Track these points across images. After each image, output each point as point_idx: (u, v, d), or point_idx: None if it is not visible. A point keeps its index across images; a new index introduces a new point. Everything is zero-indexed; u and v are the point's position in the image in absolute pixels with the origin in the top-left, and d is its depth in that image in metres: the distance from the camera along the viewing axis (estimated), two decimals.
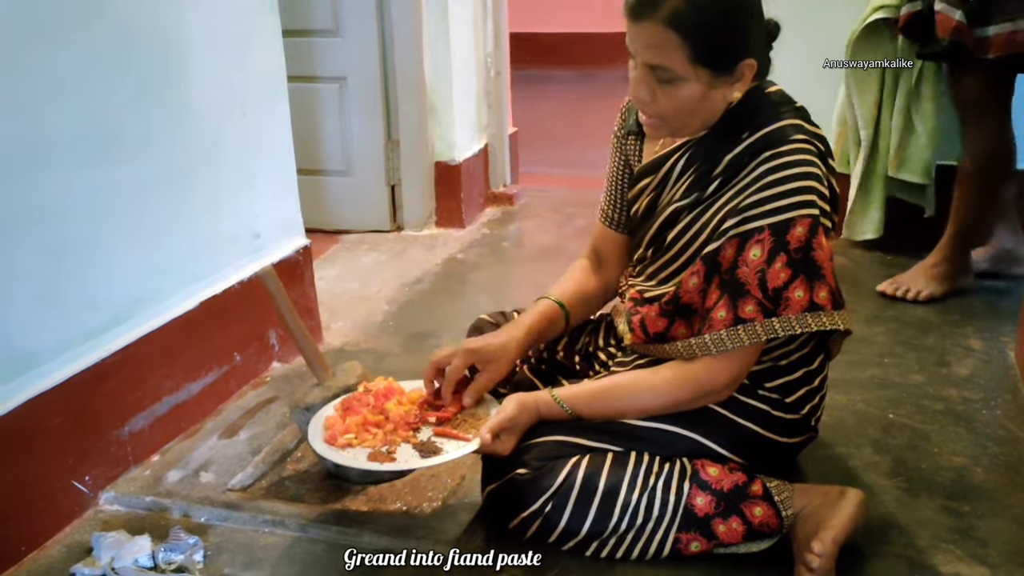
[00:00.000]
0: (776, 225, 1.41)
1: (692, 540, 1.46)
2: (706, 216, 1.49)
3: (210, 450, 1.89)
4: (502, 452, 1.49)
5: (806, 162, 1.42)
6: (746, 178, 1.44)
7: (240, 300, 2.13)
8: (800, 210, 1.41)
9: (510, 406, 1.50)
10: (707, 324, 1.46)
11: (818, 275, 1.42)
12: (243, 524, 1.66)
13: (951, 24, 2.38)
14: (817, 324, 1.42)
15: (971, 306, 2.53)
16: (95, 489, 1.72)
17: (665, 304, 1.52)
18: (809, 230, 1.41)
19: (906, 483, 1.72)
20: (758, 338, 1.43)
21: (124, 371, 1.78)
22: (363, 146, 3.39)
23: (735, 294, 1.43)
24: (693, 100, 1.44)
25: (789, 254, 1.41)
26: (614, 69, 7.44)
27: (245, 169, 2.18)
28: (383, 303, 2.77)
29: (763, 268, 1.41)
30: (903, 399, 2.04)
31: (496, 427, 1.47)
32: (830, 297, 1.43)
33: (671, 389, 1.50)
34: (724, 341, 1.44)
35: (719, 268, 1.45)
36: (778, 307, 1.42)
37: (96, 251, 1.74)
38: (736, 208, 1.44)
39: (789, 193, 1.41)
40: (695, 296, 1.48)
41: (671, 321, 1.51)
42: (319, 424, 1.62)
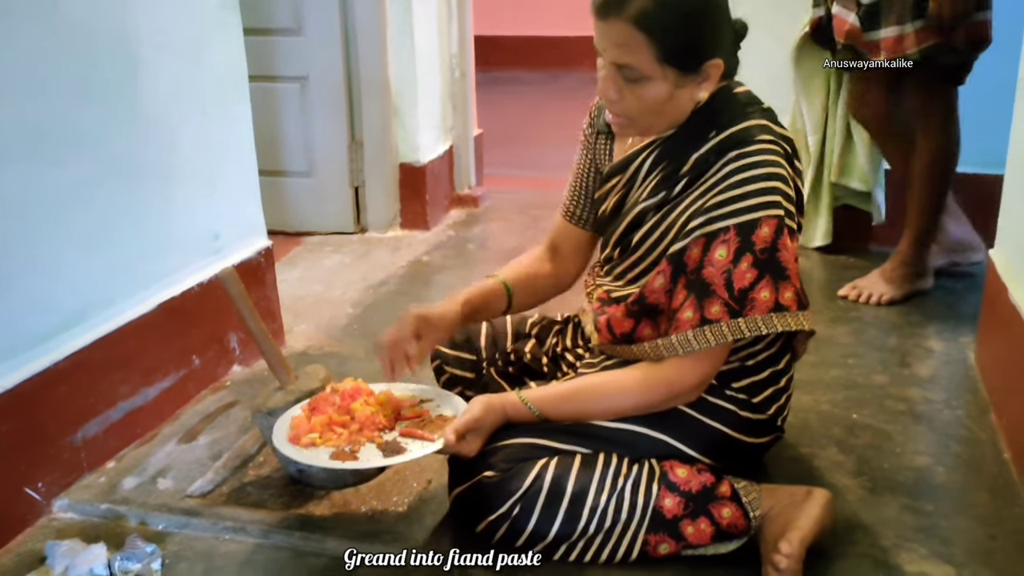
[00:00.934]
0: (742, 225, 1.40)
1: (660, 542, 1.45)
2: (672, 216, 1.49)
3: (168, 456, 1.85)
4: (467, 453, 1.47)
5: (772, 163, 1.42)
6: (712, 178, 1.44)
7: (199, 302, 2.09)
8: (766, 211, 1.40)
9: (476, 407, 1.49)
10: (673, 325, 1.45)
11: (783, 276, 1.42)
12: (203, 531, 1.62)
13: (844, 27, 2.45)
14: (783, 325, 1.42)
15: (931, 308, 2.56)
16: (48, 496, 1.67)
17: (631, 304, 1.51)
18: (775, 231, 1.41)
19: (870, 483, 1.73)
20: (724, 339, 1.42)
21: (76, 376, 1.73)
22: (326, 147, 3.35)
23: (701, 294, 1.43)
24: (660, 100, 1.43)
25: (755, 255, 1.41)
26: (579, 72, 7.47)
27: (205, 169, 2.14)
28: (347, 306, 2.73)
29: (729, 268, 1.41)
30: (866, 399, 2.05)
31: (461, 428, 1.45)
32: (795, 298, 1.43)
33: (639, 391, 1.49)
34: (691, 342, 1.44)
35: (685, 268, 1.45)
36: (744, 308, 1.42)
37: (43, 252, 1.68)
38: (702, 208, 1.44)
39: (755, 193, 1.40)
40: (661, 296, 1.48)
41: (637, 321, 1.50)
42: (285, 424, 1.59)
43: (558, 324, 1.81)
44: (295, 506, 1.68)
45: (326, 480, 1.72)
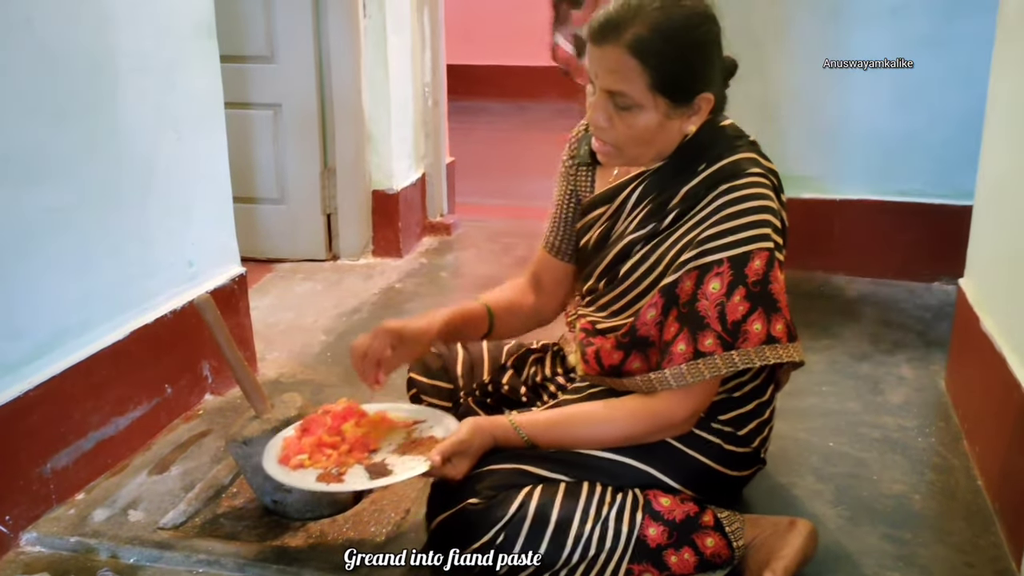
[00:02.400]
0: (735, 258, 1.41)
1: (644, 571, 1.44)
2: (662, 248, 1.49)
3: (139, 487, 1.81)
4: (454, 476, 1.45)
5: (762, 196, 1.44)
6: (703, 210, 1.44)
7: (172, 330, 2.06)
8: (758, 243, 1.42)
9: (464, 429, 1.47)
10: (667, 358, 1.45)
11: (775, 308, 1.43)
12: (176, 564, 1.58)
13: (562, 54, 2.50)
14: (775, 357, 1.43)
15: (901, 336, 2.60)
16: (15, 529, 1.63)
17: (621, 337, 1.51)
18: (766, 263, 1.42)
19: (849, 511, 1.73)
20: (718, 371, 1.42)
21: (46, 405, 1.70)
22: (298, 174, 3.34)
23: (694, 327, 1.43)
24: (650, 129, 1.44)
25: (748, 287, 1.41)
26: (547, 102, 7.53)
27: (179, 195, 2.11)
28: (320, 333, 2.71)
29: (722, 301, 1.42)
30: (841, 427, 2.06)
31: (447, 450, 1.43)
32: (785, 330, 1.44)
33: (629, 422, 1.49)
34: (684, 375, 1.44)
35: (677, 301, 1.45)
36: (736, 340, 1.42)
37: (15, 278, 1.65)
38: (694, 240, 1.44)
39: (747, 227, 1.42)
40: (652, 329, 1.48)
41: (627, 354, 1.50)
42: (277, 445, 1.56)
43: (536, 353, 1.81)
44: (270, 538, 1.65)
45: (302, 510, 1.69)
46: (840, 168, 2.99)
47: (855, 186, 2.99)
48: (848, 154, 2.98)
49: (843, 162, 2.98)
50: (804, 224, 2.38)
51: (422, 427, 1.59)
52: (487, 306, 1.71)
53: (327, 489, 1.45)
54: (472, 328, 1.70)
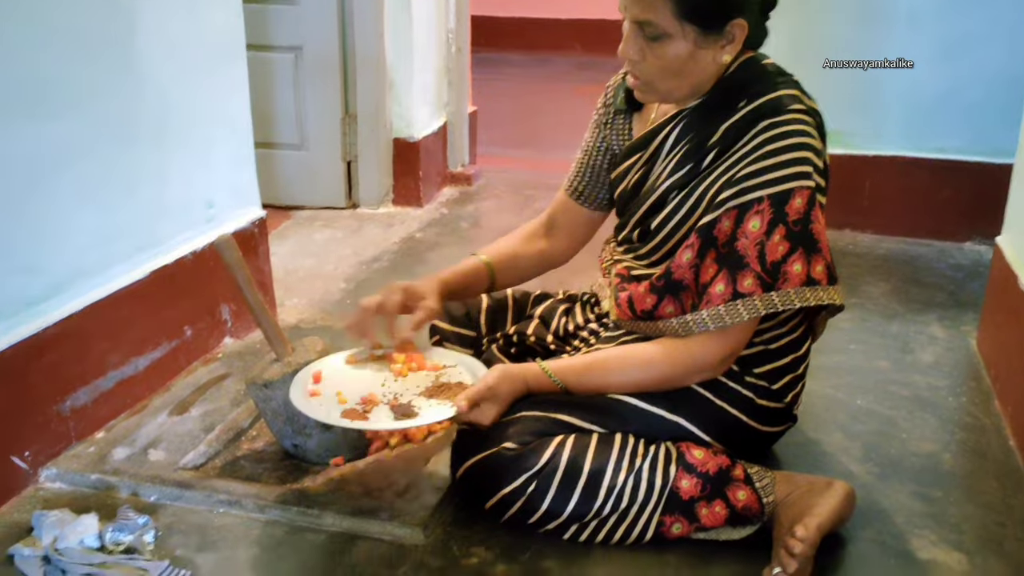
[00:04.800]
0: (775, 196, 1.37)
1: (675, 523, 1.42)
2: (701, 188, 1.45)
3: (159, 427, 1.79)
4: (481, 422, 1.42)
5: (804, 132, 1.39)
6: (744, 148, 1.40)
7: (192, 271, 2.03)
8: (799, 181, 1.37)
9: (492, 375, 1.44)
10: (704, 299, 1.41)
11: (815, 249, 1.39)
12: (196, 504, 1.57)
13: None
14: (815, 299, 1.39)
15: (932, 295, 2.55)
16: (35, 466, 1.61)
17: (656, 280, 1.47)
18: (807, 202, 1.37)
19: (877, 469, 1.70)
20: (757, 312, 1.38)
21: (65, 343, 1.67)
22: (319, 119, 3.29)
23: (734, 267, 1.39)
24: (680, 59, 1.39)
25: (788, 226, 1.37)
26: (570, 55, 7.43)
27: (199, 134, 2.07)
28: (340, 281, 2.68)
29: (762, 240, 1.37)
30: (870, 385, 2.02)
31: (474, 396, 1.40)
32: (825, 272, 1.40)
33: (664, 364, 1.45)
34: (722, 317, 1.40)
35: (715, 242, 1.41)
36: (776, 281, 1.38)
37: (32, 213, 1.62)
38: (733, 179, 1.40)
39: (788, 163, 1.37)
40: (687, 272, 1.44)
41: (660, 298, 1.47)
42: (307, 377, 1.55)
43: (564, 303, 1.77)
44: (290, 481, 1.63)
45: (322, 454, 1.67)
46: (874, 123, 2.91)
47: (889, 142, 2.92)
48: (883, 109, 2.90)
49: (877, 117, 2.90)
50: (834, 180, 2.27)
51: (451, 372, 1.55)
52: (487, 262, 1.68)
53: (350, 425, 1.43)
54: (472, 287, 1.68)
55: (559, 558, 1.43)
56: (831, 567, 1.42)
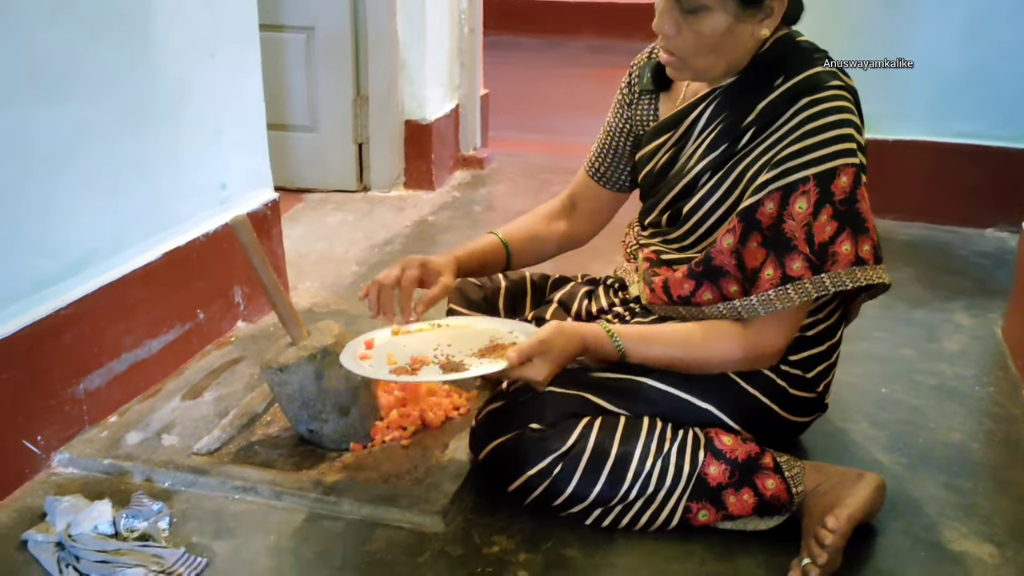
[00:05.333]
0: (821, 175, 1.33)
1: (702, 510, 1.39)
2: (736, 171, 1.41)
3: (172, 412, 1.76)
4: (533, 378, 1.36)
5: (845, 108, 1.35)
6: (783, 126, 1.36)
7: (205, 254, 2.00)
8: (843, 159, 1.33)
9: (545, 330, 1.38)
10: (754, 285, 1.38)
11: (862, 228, 1.35)
12: (211, 490, 1.54)
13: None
14: (865, 278, 1.35)
15: (958, 283, 2.50)
16: (47, 450, 1.59)
17: (694, 266, 1.43)
18: (853, 180, 1.34)
19: (906, 459, 1.67)
20: (808, 296, 1.35)
21: (79, 325, 1.64)
22: (330, 101, 3.24)
23: (781, 250, 1.35)
24: (718, 34, 1.34)
25: (834, 206, 1.33)
26: (580, 39, 7.36)
27: (212, 115, 2.03)
28: (352, 264, 2.65)
29: (809, 221, 1.34)
30: (896, 374, 1.99)
31: (526, 349, 1.35)
32: (872, 251, 1.36)
33: (726, 348, 1.41)
34: (773, 301, 1.36)
35: (759, 225, 1.36)
36: (825, 263, 1.34)
37: (48, 195, 1.58)
38: (774, 159, 1.36)
39: (831, 141, 1.33)
40: (727, 258, 1.40)
41: (698, 284, 1.43)
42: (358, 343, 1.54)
43: (585, 287, 1.73)
44: (306, 467, 1.60)
45: (338, 440, 1.65)
46: (897, 107, 2.86)
47: (912, 126, 2.87)
48: (906, 92, 2.84)
49: (901, 101, 2.85)
50: None
51: (506, 336, 1.51)
52: (503, 241, 1.65)
53: (399, 380, 1.40)
54: (488, 266, 1.64)
55: (582, 546, 1.40)
56: (861, 559, 1.39)
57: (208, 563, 1.36)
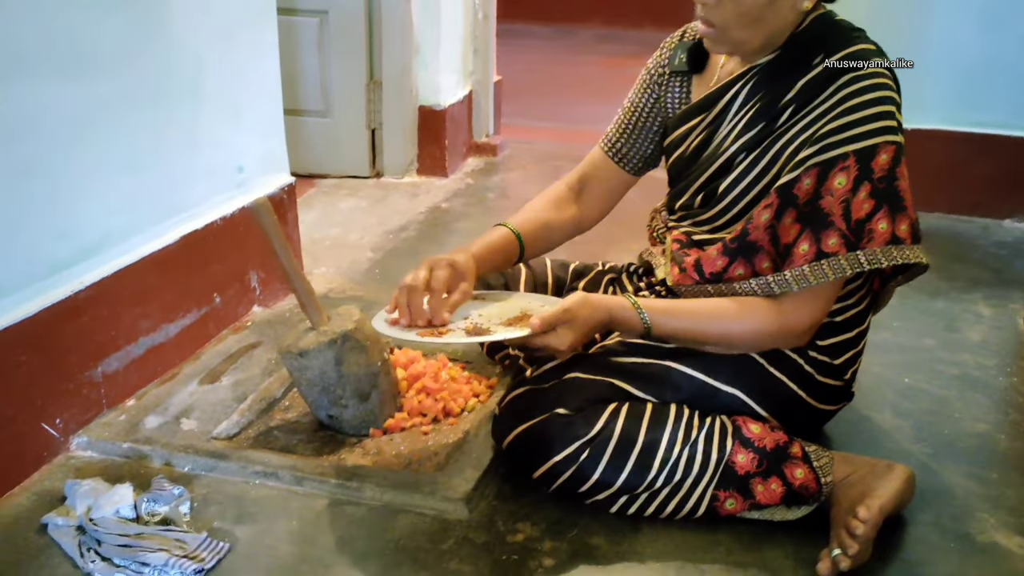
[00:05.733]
0: (861, 151, 1.31)
1: (729, 498, 1.38)
2: (775, 148, 1.39)
3: (190, 396, 1.75)
4: (557, 347, 1.35)
5: (887, 86, 1.33)
6: (825, 103, 1.34)
7: (221, 237, 1.98)
8: (884, 136, 1.31)
9: (571, 299, 1.37)
10: (788, 260, 1.36)
11: (900, 207, 1.33)
12: (232, 475, 1.53)
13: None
14: (902, 257, 1.33)
15: (977, 273, 2.48)
16: (66, 433, 1.57)
17: (730, 242, 1.41)
18: (893, 158, 1.32)
19: (930, 449, 1.65)
20: (843, 272, 1.33)
21: (97, 308, 1.63)
22: (343, 86, 3.22)
23: (818, 226, 1.34)
24: (759, 5, 1.32)
25: (873, 183, 1.31)
26: (590, 27, 7.33)
27: (229, 97, 2.01)
28: (367, 250, 2.63)
29: (848, 198, 1.32)
30: (917, 363, 1.97)
31: (550, 318, 1.33)
32: (910, 230, 1.35)
33: (758, 321, 1.39)
34: (806, 277, 1.35)
35: (795, 201, 1.35)
36: (860, 240, 1.33)
37: (64, 176, 1.56)
38: (813, 136, 1.34)
39: (872, 118, 1.31)
40: (763, 234, 1.38)
41: (732, 260, 1.41)
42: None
43: (609, 274, 1.71)
44: (326, 452, 1.59)
45: (358, 426, 1.63)
46: (915, 96, 2.78)
47: (930, 115, 2.84)
48: (924, 80, 2.80)
49: (917, 89, 2.79)
50: None
51: (538, 309, 1.48)
52: (516, 234, 1.61)
53: (425, 341, 1.38)
54: (503, 260, 1.60)
55: (607, 535, 1.39)
56: (890, 550, 1.37)
57: (230, 548, 1.35)
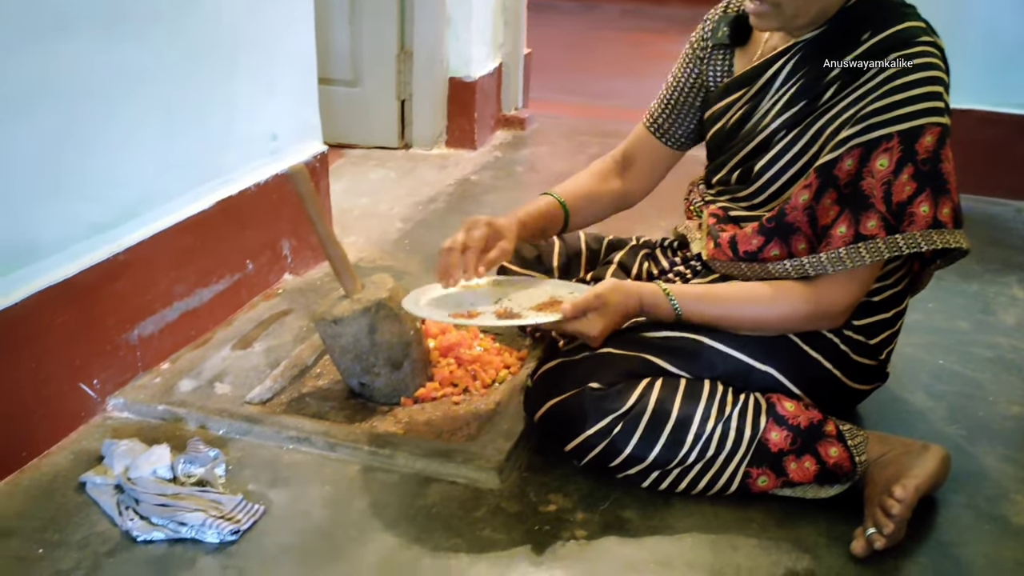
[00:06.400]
0: (905, 132, 1.29)
1: (761, 476, 1.37)
2: (816, 126, 1.37)
3: (223, 361, 1.76)
4: (587, 332, 1.36)
5: (935, 66, 1.30)
6: (870, 82, 1.31)
7: (255, 204, 1.98)
8: (930, 118, 1.29)
9: (602, 285, 1.38)
10: (824, 241, 1.35)
11: (944, 190, 1.31)
12: (266, 439, 1.54)
13: None
14: (942, 242, 1.31)
15: (1010, 256, 2.45)
16: (103, 394, 1.59)
17: (766, 222, 1.40)
18: (938, 140, 1.29)
19: (965, 431, 1.64)
20: (880, 256, 1.31)
21: (134, 271, 1.64)
22: (374, 55, 3.21)
23: (857, 208, 1.32)
24: None
25: (916, 165, 1.29)
26: (615, 2, 7.24)
27: (265, 64, 2.01)
28: (397, 221, 2.63)
29: (889, 179, 1.30)
30: (951, 345, 1.95)
31: (581, 304, 1.35)
32: (952, 214, 1.32)
33: (791, 304, 1.38)
34: (843, 260, 1.33)
35: (835, 181, 1.33)
36: (901, 223, 1.31)
37: (105, 138, 1.57)
38: (857, 115, 1.31)
39: (919, 99, 1.29)
40: (800, 215, 1.36)
41: (767, 240, 1.39)
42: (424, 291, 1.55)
43: (643, 249, 1.71)
44: (358, 420, 1.60)
45: (389, 395, 1.64)
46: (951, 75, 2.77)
47: (964, 96, 2.76)
48: (961, 61, 2.74)
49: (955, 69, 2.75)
50: None
51: (567, 296, 1.50)
52: (562, 203, 1.61)
53: (455, 323, 1.41)
54: (548, 229, 1.61)
55: (639, 508, 1.39)
56: (924, 530, 1.37)
57: (265, 511, 1.36)
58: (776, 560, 1.30)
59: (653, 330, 1.46)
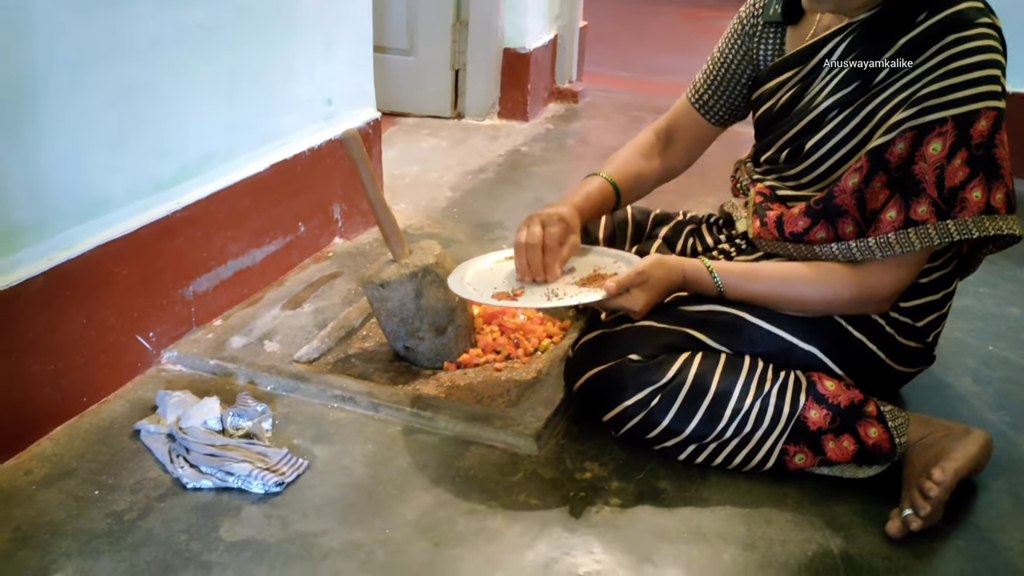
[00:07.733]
0: (960, 117, 1.27)
1: (799, 453, 1.38)
2: (869, 108, 1.35)
3: (273, 320, 1.81)
4: (631, 308, 1.38)
5: (993, 48, 1.28)
6: (925, 64, 1.29)
7: (309, 168, 2.02)
8: (986, 102, 1.27)
9: (645, 261, 1.39)
10: (873, 226, 1.34)
11: (997, 175, 1.29)
12: (311, 397, 1.58)
13: None
14: (994, 228, 1.30)
15: None
16: (158, 347, 1.65)
17: (814, 204, 1.39)
18: (993, 124, 1.27)
19: (1010, 418, 1.62)
20: (930, 242, 1.30)
21: (192, 228, 1.69)
22: (429, 25, 3.22)
23: (908, 193, 1.30)
24: None
25: (970, 150, 1.27)
26: None
27: (323, 30, 2.04)
28: (446, 189, 2.65)
29: (942, 164, 1.28)
30: (1002, 332, 1.93)
31: (624, 280, 1.36)
32: (1005, 200, 1.30)
33: (835, 286, 1.38)
34: (891, 245, 1.32)
35: (886, 165, 1.32)
36: (952, 208, 1.29)
37: (170, 97, 1.62)
38: (910, 98, 1.30)
39: (975, 82, 1.26)
40: (849, 198, 1.35)
41: (814, 222, 1.39)
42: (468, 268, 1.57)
43: (689, 225, 1.71)
44: (401, 382, 1.64)
45: (433, 359, 1.67)
46: None
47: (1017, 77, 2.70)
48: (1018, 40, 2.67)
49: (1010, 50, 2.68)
50: None
51: (610, 266, 1.51)
52: (613, 184, 1.62)
53: (501, 304, 1.42)
54: (603, 209, 1.62)
55: (674, 480, 1.41)
56: (962, 515, 1.36)
57: (309, 465, 1.40)
58: (809, 536, 1.31)
59: (695, 304, 1.47)
